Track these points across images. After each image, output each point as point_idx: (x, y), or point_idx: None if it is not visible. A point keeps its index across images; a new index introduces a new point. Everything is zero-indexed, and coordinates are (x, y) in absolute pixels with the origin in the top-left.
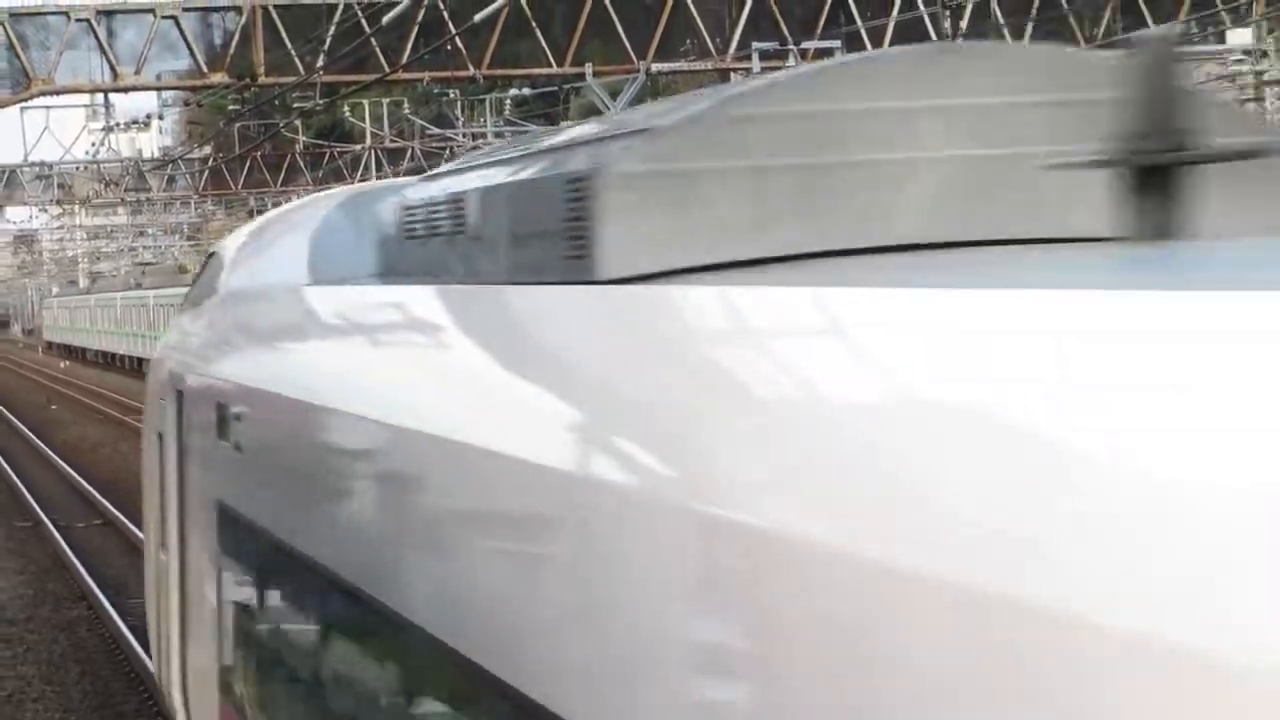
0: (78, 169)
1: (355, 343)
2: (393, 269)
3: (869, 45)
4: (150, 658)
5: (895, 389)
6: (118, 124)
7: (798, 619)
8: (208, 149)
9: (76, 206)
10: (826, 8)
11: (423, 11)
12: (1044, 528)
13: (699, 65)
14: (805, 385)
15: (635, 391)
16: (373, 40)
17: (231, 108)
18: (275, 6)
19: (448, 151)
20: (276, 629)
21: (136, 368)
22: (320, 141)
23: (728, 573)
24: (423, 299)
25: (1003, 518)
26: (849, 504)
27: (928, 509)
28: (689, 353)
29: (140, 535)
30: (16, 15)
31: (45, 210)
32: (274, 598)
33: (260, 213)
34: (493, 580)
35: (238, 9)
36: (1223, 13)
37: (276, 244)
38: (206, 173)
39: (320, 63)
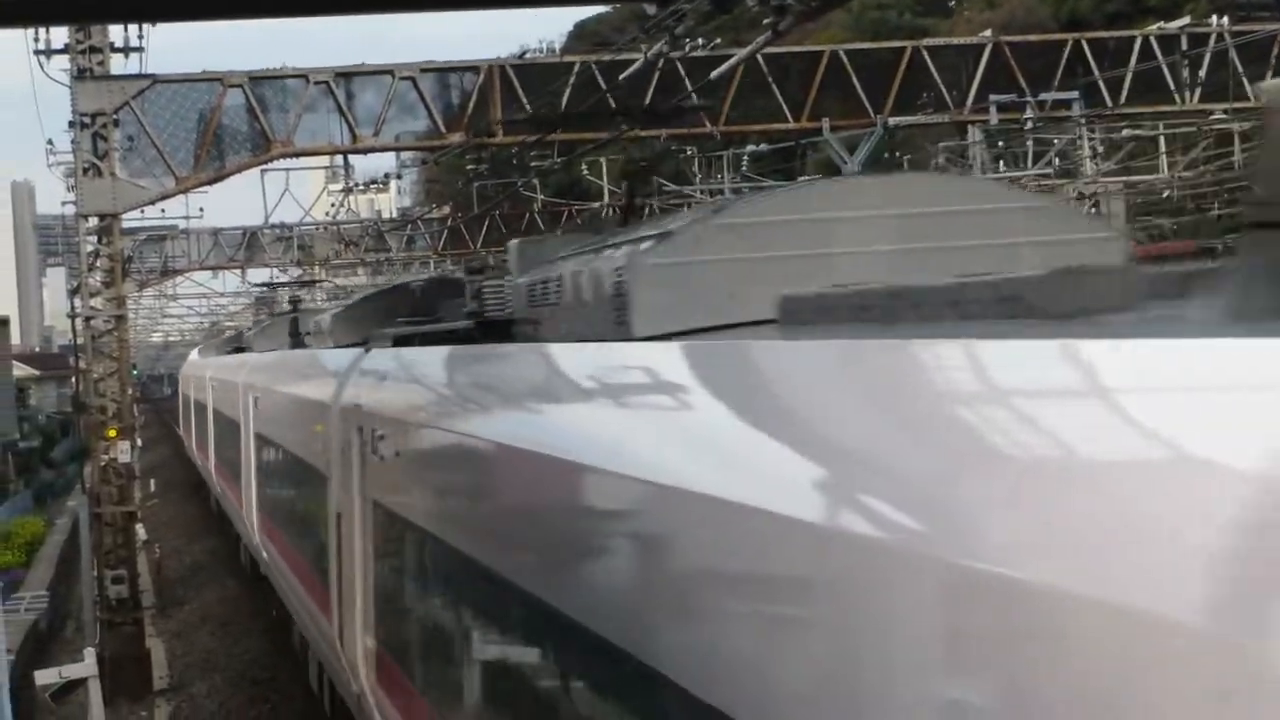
0: (317, 230)
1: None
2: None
3: (1107, 96)
4: None
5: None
6: (357, 185)
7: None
8: (446, 208)
9: (316, 267)
10: (1064, 59)
11: (659, 69)
12: None
13: (936, 118)
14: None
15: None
16: (609, 98)
17: (469, 167)
18: (512, 66)
19: (685, 207)
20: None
21: None
22: (558, 200)
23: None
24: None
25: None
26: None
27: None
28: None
29: None
30: (256, 78)
31: (285, 271)
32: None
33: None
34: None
35: (475, 69)
36: None
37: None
38: (445, 232)
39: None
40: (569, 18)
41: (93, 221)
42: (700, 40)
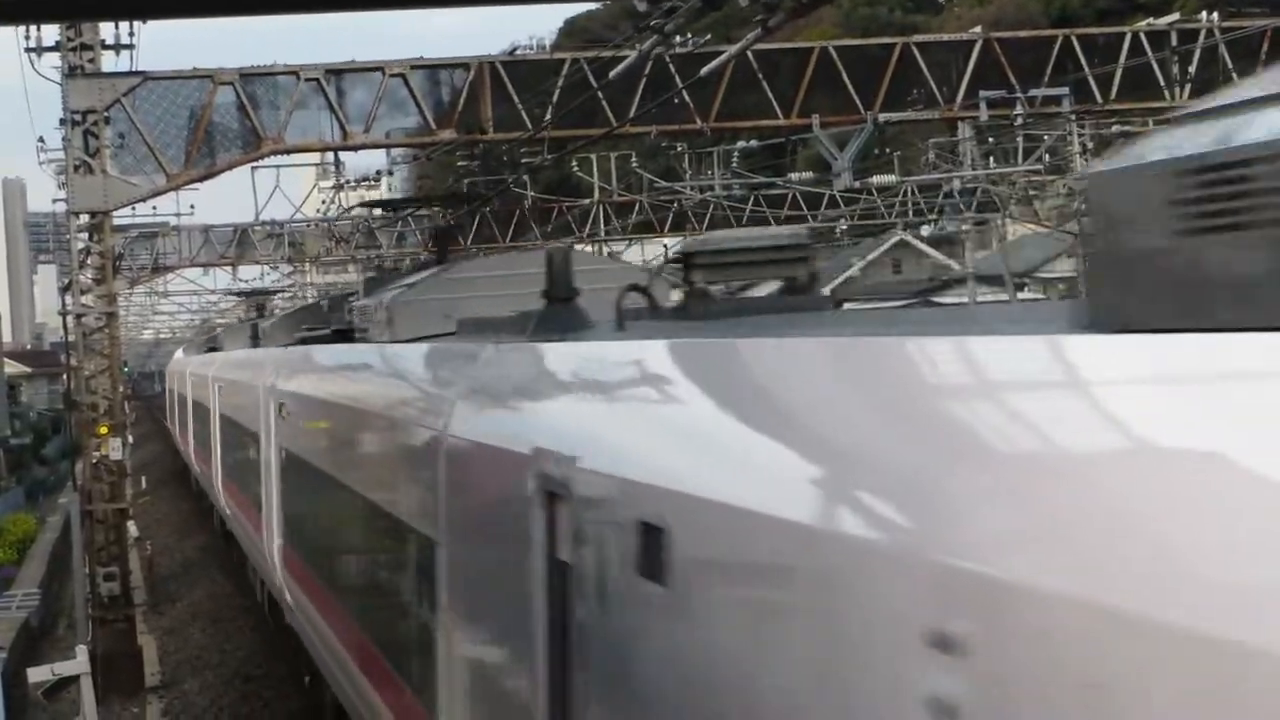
0: (308, 227)
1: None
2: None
3: (1096, 93)
4: None
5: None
6: (347, 182)
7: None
8: (436, 205)
9: (307, 264)
10: (1054, 55)
11: (650, 66)
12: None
13: (926, 115)
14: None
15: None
16: (600, 95)
17: (460, 164)
18: (503, 63)
19: (675, 204)
20: None
21: None
22: (549, 196)
23: None
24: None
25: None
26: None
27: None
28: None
29: None
30: (247, 75)
31: (276, 268)
32: None
33: None
34: None
35: (465, 66)
36: None
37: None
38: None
39: (548, 118)
40: (559, 14)
41: (84, 219)
42: (690, 36)
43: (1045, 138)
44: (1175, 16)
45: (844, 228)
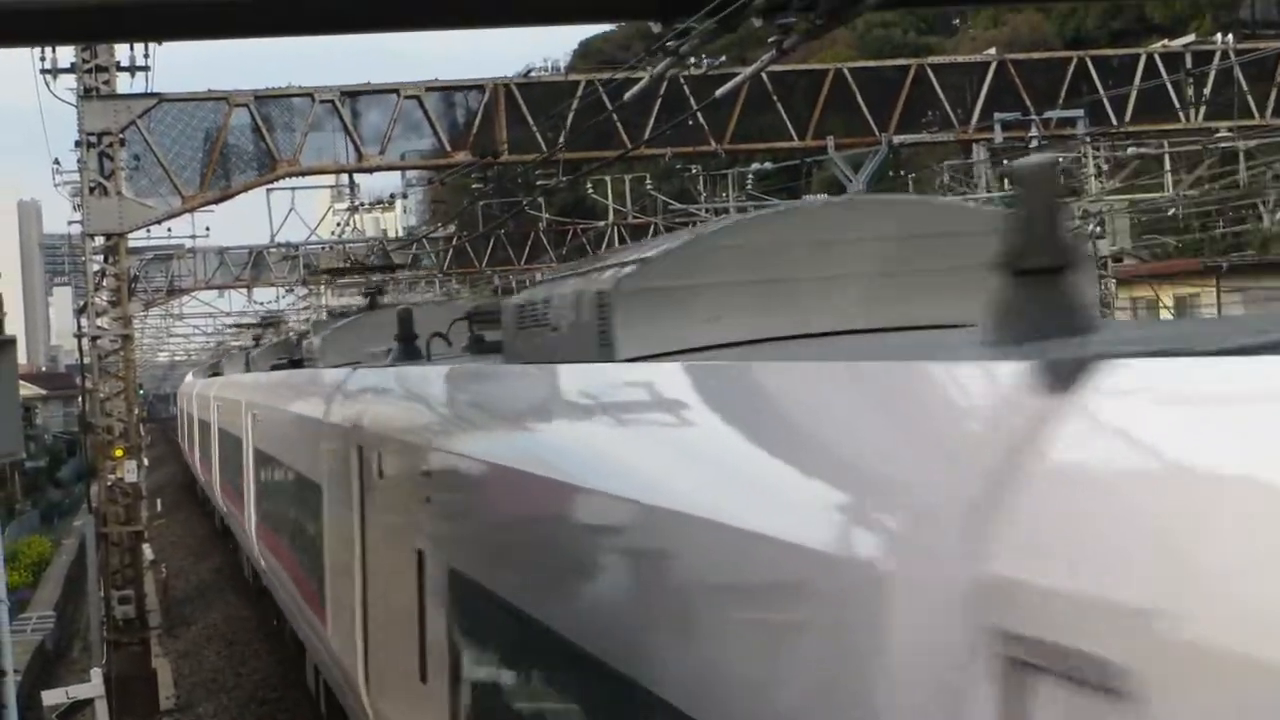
0: (323, 249)
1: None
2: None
3: (1112, 115)
4: None
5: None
6: (362, 204)
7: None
8: (451, 227)
9: (322, 286)
10: (1068, 77)
11: (664, 88)
12: None
13: (941, 136)
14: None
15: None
16: (615, 117)
17: (475, 186)
18: (517, 85)
19: (691, 225)
20: None
21: None
22: (563, 219)
23: None
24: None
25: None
26: None
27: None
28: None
29: None
30: (262, 97)
31: (291, 290)
32: None
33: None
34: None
35: (480, 88)
36: None
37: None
38: (450, 251)
39: (562, 140)
40: (574, 36)
41: (99, 241)
42: (705, 58)
43: (1060, 159)
44: (1190, 38)
45: None
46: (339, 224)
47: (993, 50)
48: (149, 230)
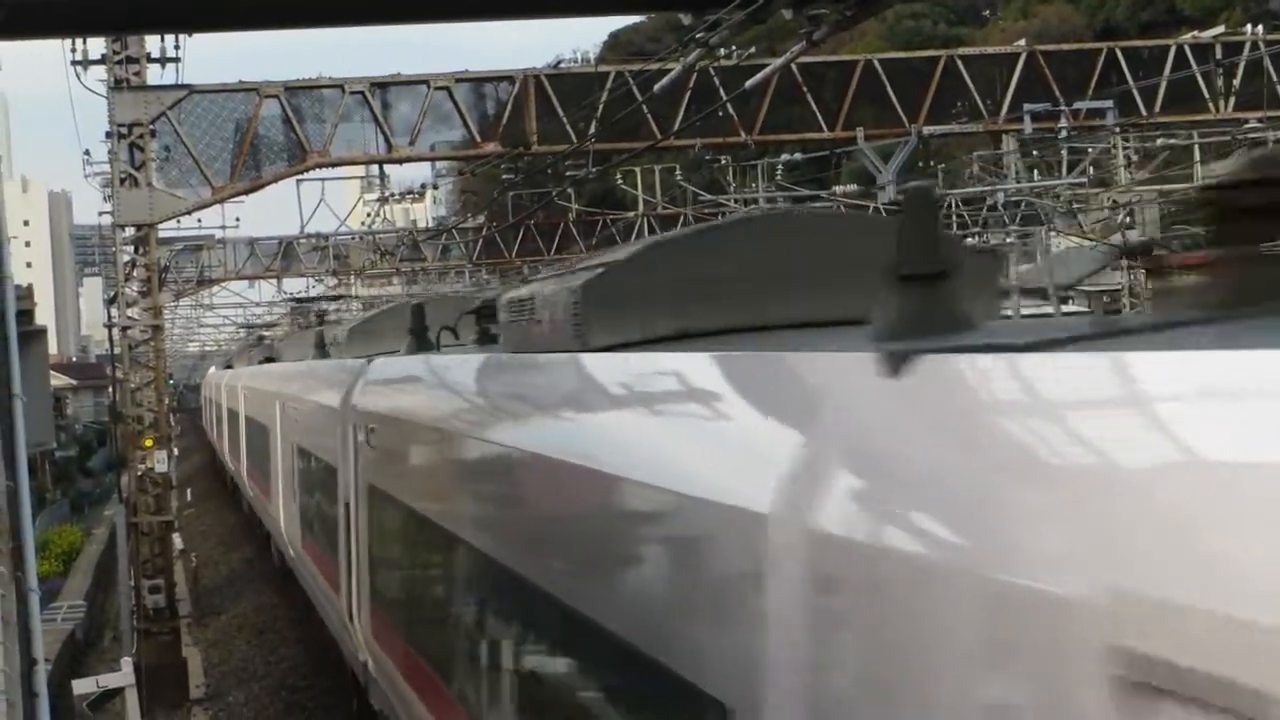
0: (353, 240)
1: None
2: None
3: (1141, 106)
4: None
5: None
6: (392, 195)
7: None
8: (481, 218)
9: (352, 277)
10: (1098, 68)
11: (694, 79)
12: None
13: (970, 127)
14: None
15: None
16: (644, 108)
17: (505, 177)
18: (547, 76)
19: (719, 217)
20: None
21: None
22: (593, 209)
23: None
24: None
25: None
26: None
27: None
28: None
29: None
30: (292, 89)
31: (321, 281)
32: None
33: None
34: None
35: (510, 79)
36: None
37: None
38: (480, 242)
39: (592, 131)
40: (604, 28)
41: (129, 231)
42: (735, 49)
43: (1090, 150)
44: (1220, 29)
45: None
46: (369, 215)
47: (1022, 41)
48: (179, 221)
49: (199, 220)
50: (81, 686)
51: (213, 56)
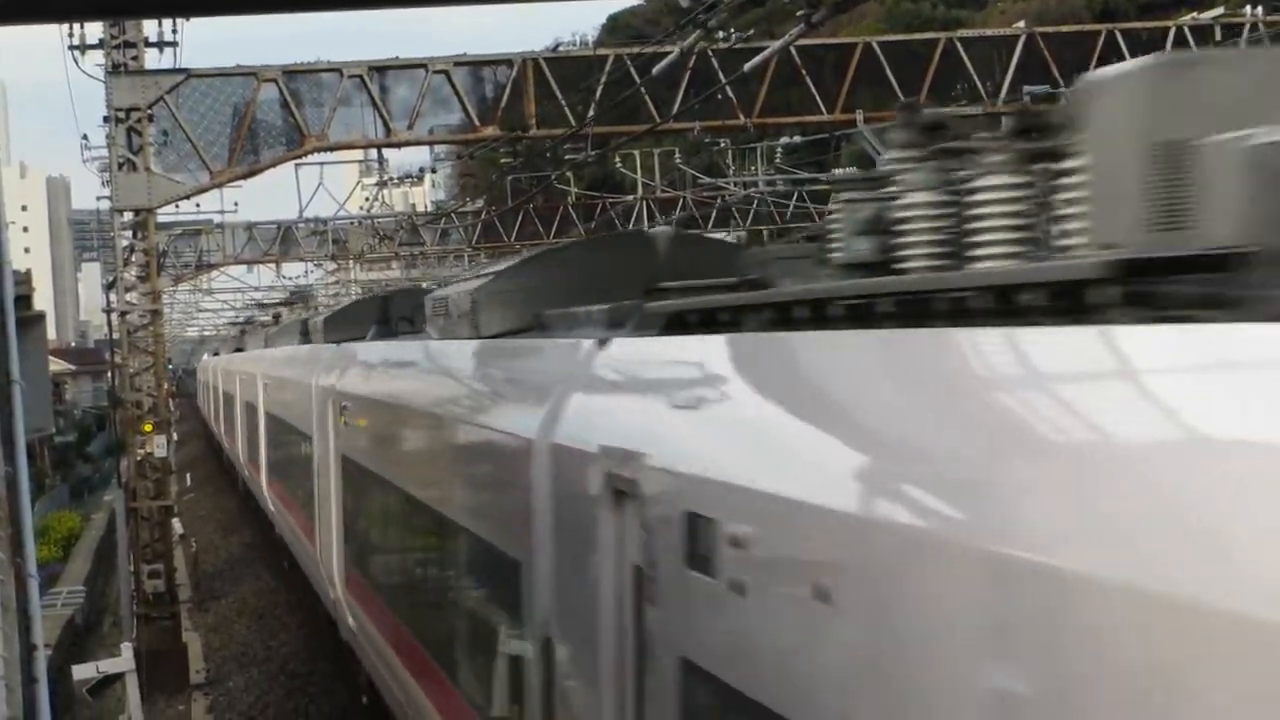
0: (352, 224)
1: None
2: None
3: None
4: None
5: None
6: (391, 179)
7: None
8: (480, 202)
9: (351, 261)
10: (1097, 50)
11: (693, 62)
12: None
13: (970, 110)
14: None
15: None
16: (643, 91)
17: (504, 161)
18: (546, 59)
19: (719, 200)
20: None
21: None
22: (592, 193)
23: None
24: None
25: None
26: None
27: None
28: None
29: None
30: (291, 73)
31: (320, 265)
32: None
33: None
34: None
35: (508, 63)
36: None
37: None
38: (479, 226)
39: (591, 114)
40: (602, 11)
41: (128, 216)
42: (734, 32)
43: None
44: (1219, 10)
45: None
46: (368, 199)
47: (1021, 23)
48: (177, 205)
49: (197, 205)
50: (81, 672)
51: (210, 41)
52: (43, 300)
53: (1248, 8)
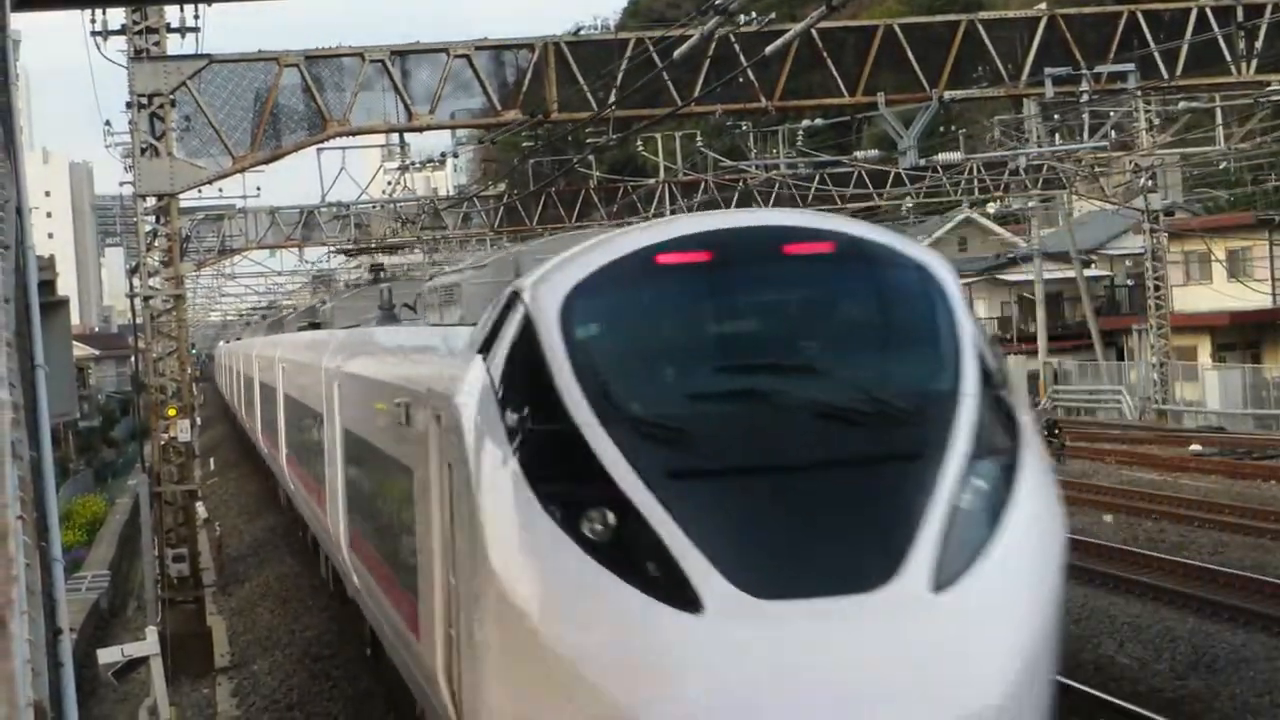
0: (374, 209)
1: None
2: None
3: (1163, 69)
4: None
5: None
6: (413, 163)
7: None
8: (502, 186)
9: (373, 245)
10: (1119, 31)
11: (714, 45)
12: None
13: (991, 92)
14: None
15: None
16: (665, 75)
17: (525, 145)
18: (567, 43)
19: (740, 183)
20: None
21: None
22: (614, 176)
23: None
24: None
25: None
26: None
27: None
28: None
29: None
30: (312, 57)
31: (342, 250)
32: None
33: None
34: None
35: (530, 47)
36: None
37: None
38: (501, 210)
39: (612, 98)
40: None
41: (150, 201)
42: (755, 15)
43: (1111, 114)
44: None
45: (910, 205)
46: (389, 183)
47: (1043, 5)
48: (200, 190)
49: (220, 190)
50: (107, 656)
51: (232, 26)
52: (66, 285)
53: None
